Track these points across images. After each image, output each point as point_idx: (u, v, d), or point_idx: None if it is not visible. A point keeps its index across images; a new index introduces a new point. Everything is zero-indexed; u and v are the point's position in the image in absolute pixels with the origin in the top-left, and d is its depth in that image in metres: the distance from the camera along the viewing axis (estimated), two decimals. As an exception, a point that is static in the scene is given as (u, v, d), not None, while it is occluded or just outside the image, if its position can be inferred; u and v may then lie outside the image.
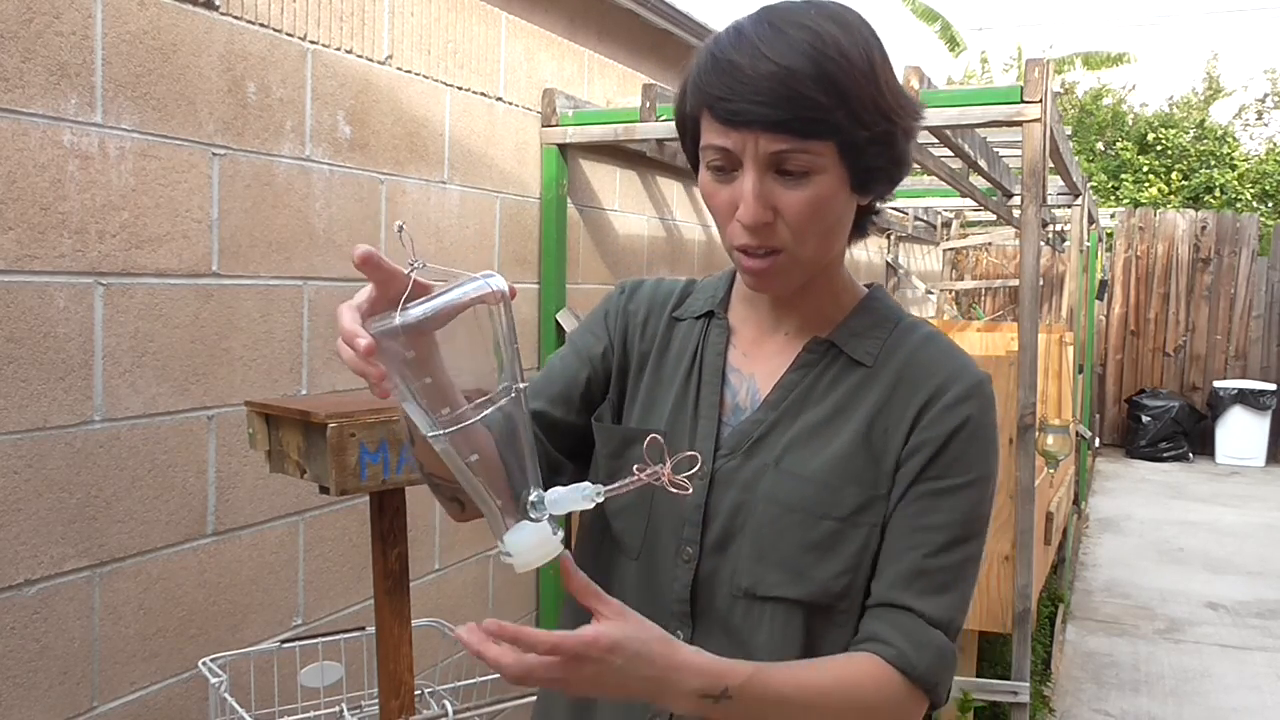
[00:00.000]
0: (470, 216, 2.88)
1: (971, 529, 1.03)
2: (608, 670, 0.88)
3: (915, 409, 1.05)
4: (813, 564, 1.02)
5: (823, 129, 0.95)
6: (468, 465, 0.85)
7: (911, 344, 1.09)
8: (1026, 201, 2.84)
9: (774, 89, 0.93)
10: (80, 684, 1.86)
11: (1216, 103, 14.99)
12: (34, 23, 1.74)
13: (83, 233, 1.83)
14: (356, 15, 2.43)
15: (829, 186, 0.98)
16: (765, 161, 0.97)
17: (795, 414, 1.07)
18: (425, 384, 0.84)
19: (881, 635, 1.00)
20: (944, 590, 1.01)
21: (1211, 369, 10.28)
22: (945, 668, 1.01)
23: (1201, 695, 4.25)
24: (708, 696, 0.92)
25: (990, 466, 1.06)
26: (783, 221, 0.99)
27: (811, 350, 1.10)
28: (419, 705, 1.79)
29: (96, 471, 1.87)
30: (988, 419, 1.06)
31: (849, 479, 1.03)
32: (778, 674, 0.97)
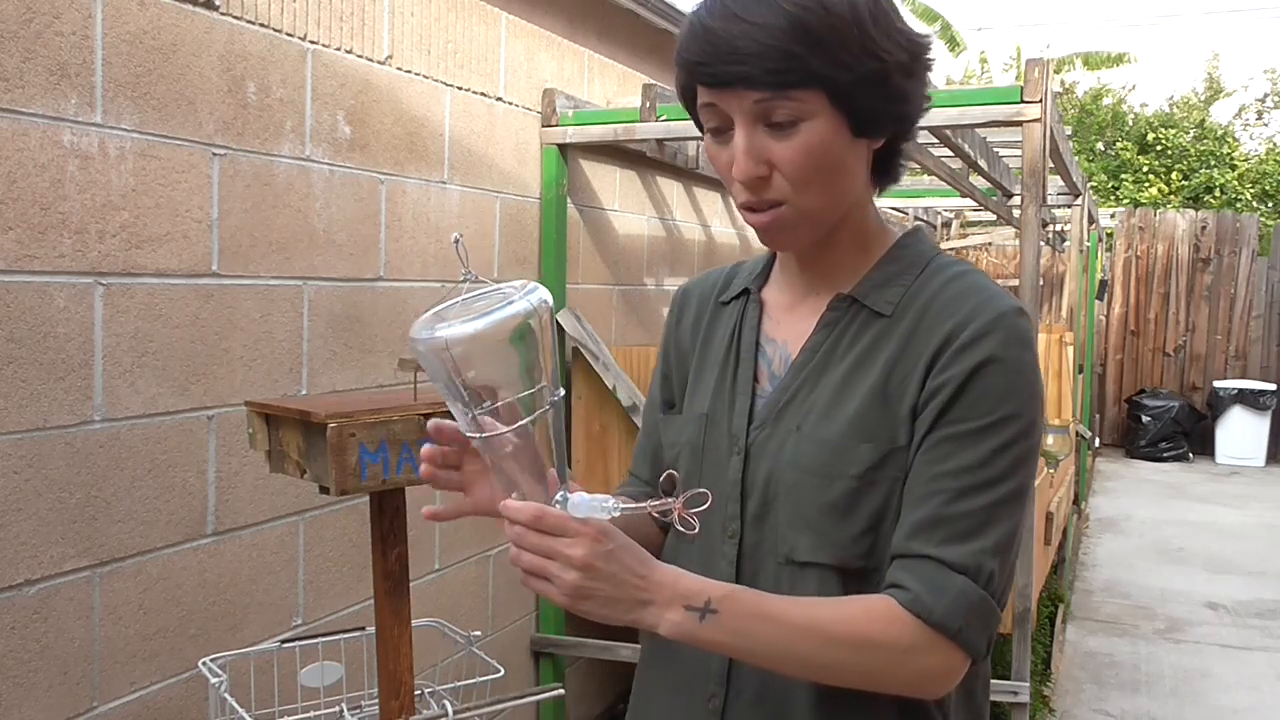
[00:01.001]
0: (470, 216, 2.88)
1: (999, 471, 0.97)
2: (617, 563, 0.90)
3: (931, 352, 1.00)
4: (833, 526, 1.01)
5: (801, 77, 0.95)
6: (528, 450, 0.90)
7: (935, 284, 1.05)
8: (1026, 201, 2.84)
9: (746, 46, 0.94)
10: (80, 684, 1.86)
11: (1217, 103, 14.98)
12: (34, 23, 1.74)
13: (83, 233, 1.83)
14: (356, 15, 2.43)
15: (821, 133, 0.97)
16: (752, 115, 0.97)
17: (819, 376, 1.06)
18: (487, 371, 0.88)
19: (899, 581, 0.97)
20: (968, 536, 0.96)
21: (1211, 369, 10.28)
22: (972, 613, 0.95)
23: (1201, 695, 4.25)
24: (691, 608, 0.92)
25: (1020, 404, 0.98)
26: (779, 174, 0.99)
27: (834, 308, 1.08)
28: (419, 705, 1.79)
29: (96, 471, 1.87)
30: (1013, 353, 0.99)
31: (863, 436, 1.01)
32: (772, 599, 0.97)
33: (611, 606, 0.92)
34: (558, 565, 0.90)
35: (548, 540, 0.90)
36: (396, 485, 1.59)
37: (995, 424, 0.97)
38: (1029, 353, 1.00)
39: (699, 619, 0.92)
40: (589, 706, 3.68)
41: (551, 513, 0.90)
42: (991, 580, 0.96)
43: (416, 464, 1.58)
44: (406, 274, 2.62)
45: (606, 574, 0.90)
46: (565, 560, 0.89)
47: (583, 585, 0.90)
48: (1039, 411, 1.01)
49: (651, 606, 0.92)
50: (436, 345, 0.85)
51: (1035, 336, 1.02)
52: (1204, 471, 9.46)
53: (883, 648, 0.95)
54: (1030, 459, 1.00)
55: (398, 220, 2.59)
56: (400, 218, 2.60)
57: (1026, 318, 1.02)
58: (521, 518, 0.91)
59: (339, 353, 2.43)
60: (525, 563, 0.92)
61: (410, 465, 1.56)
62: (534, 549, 0.91)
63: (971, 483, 0.97)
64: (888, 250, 1.09)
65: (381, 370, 2.55)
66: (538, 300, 0.88)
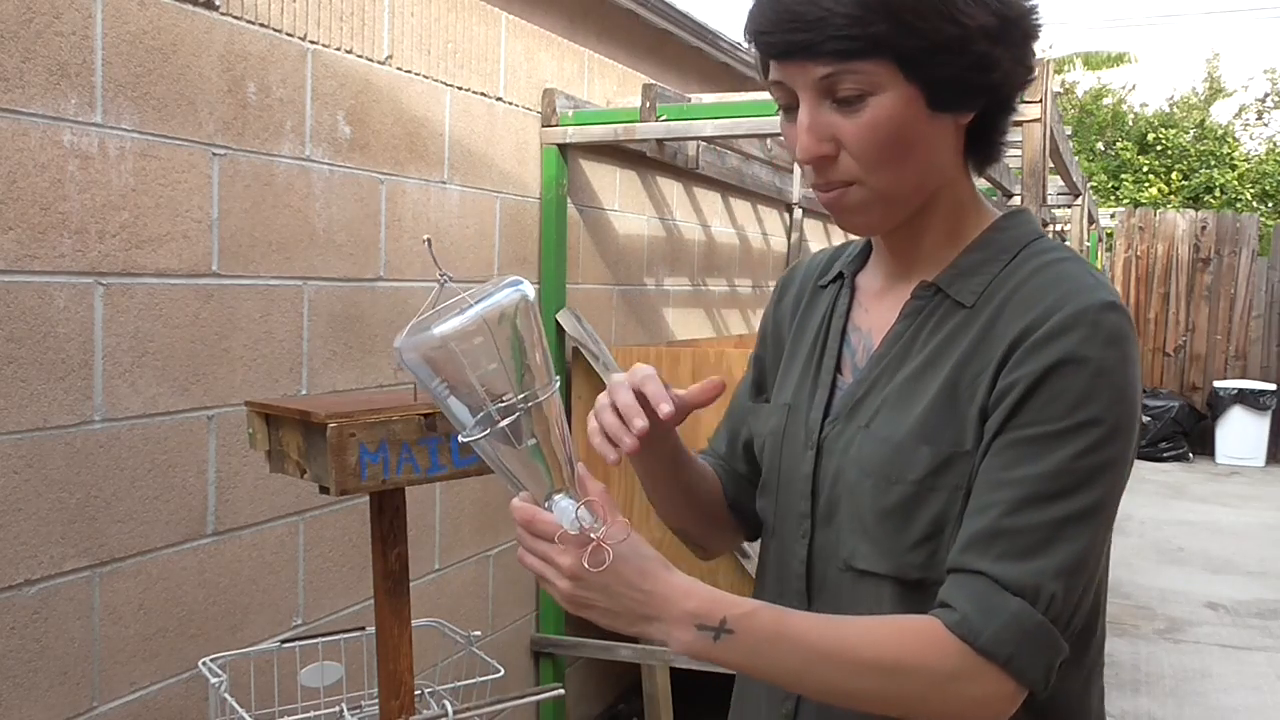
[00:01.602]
0: (470, 216, 2.88)
1: (1072, 481, 0.87)
2: (609, 575, 0.86)
3: (1005, 348, 0.91)
4: (890, 534, 0.94)
5: (868, 46, 0.87)
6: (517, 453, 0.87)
7: (1022, 274, 0.95)
8: (1026, 201, 2.84)
9: (807, 11, 0.87)
10: (80, 684, 1.86)
11: (1217, 103, 14.99)
12: (34, 23, 1.74)
13: (83, 233, 1.83)
14: (356, 15, 2.43)
15: (891, 107, 0.90)
16: (816, 90, 0.91)
17: (895, 369, 0.98)
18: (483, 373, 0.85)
19: (949, 599, 0.88)
20: (1030, 553, 0.86)
21: (1211, 369, 10.28)
22: (1026, 640, 0.85)
23: (1201, 695, 4.25)
24: (705, 627, 0.86)
25: (1102, 408, 0.87)
26: (846, 152, 0.92)
27: (918, 296, 1.00)
28: (419, 705, 1.79)
29: (96, 471, 1.87)
30: (1097, 352, 0.88)
31: (924, 438, 0.93)
32: (796, 617, 0.89)
33: (612, 618, 0.88)
34: (552, 571, 0.87)
35: (541, 545, 0.88)
36: (396, 485, 1.59)
37: (1070, 429, 0.87)
38: (1118, 351, 0.88)
39: (713, 638, 0.86)
40: (589, 706, 3.68)
41: (541, 517, 0.87)
42: (1053, 604, 0.86)
43: (417, 464, 1.58)
44: (406, 274, 2.62)
45: (598, 585, 0.86)
46: (556, 568, 0.87)
47: (576, 594, 0.87)
48: (1129, 418, 0.89)
49: (656, 622, 0.87)
50: (432, 343, 0.83)
51: (1132, 332, 0.91)
52: (1204, 471, 9.46)
53: (918, 674, 0.86)
54: (1112, 471, 0.89)
55: (398, 220, 2.59)
56: (400, 218, 2.60)
57: (1120, 312, 0.90)
58: (517, 518, 0.89)
59: (339, 353, 2.43)
60: (528, 564, 0.90)
61: (410, 465, 1.56)
62: (532, 551, 0.89)
63: (1038, 493, 0.87)
64: (981, 233, 1.00)
65: (381, 370, 2.55)
66: (521, 291, 0.86)
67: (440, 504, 2.81)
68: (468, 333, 0.83)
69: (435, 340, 0.83)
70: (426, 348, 0.83)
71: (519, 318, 0.85)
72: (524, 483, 0.89)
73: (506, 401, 0.85)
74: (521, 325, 0.85)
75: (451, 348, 0.83)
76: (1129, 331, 0.90)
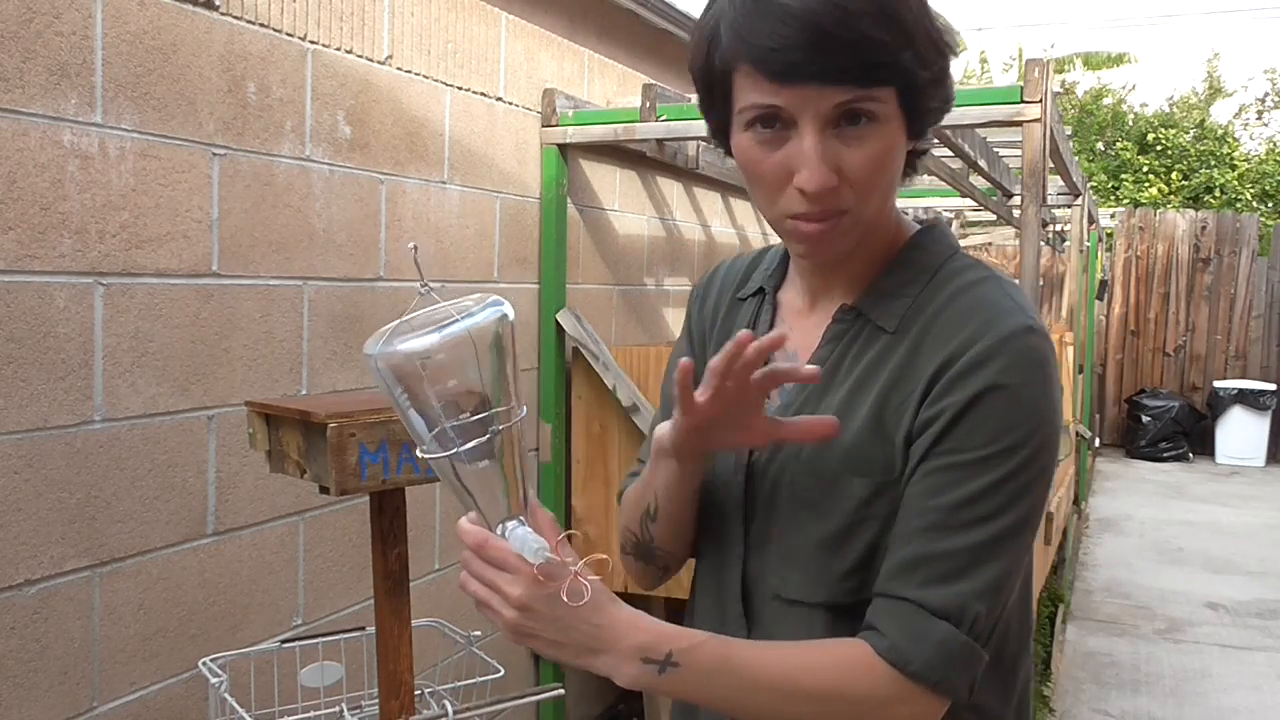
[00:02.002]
0: (470, 216, 2.88)
1: (994, 506, 0.88)
2: (560, 607, 0.85)
3: (928, 377, 0.91)
4: (824, 564, 0.94)
5: (889, 73, 0.84)
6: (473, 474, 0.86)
7: (942, 298, 0.94)
8: (1026, 201, 2.84)
9: (833, 31, 0.81)
10: (80, 684, 1.86)
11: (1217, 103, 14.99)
12: (34, 23, 1.74)
13: (83, 233, 1.83)
14: (356, 15, 2.43)
15: (891, 136, 0.88)
16: (827, 118, 0.86)
17: (821, 396, 0.97)
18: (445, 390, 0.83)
19: (877, 624, 0.90)
20: (954, 577, 0.87)
21: (1211, 369, 10.28)
22: (953, 661, 0.88)
23: (1201, 695, 4.25)
24: (650, 661, 0.87)
25: (1025, 434, 0.88)
26: (846, 182, 0.88)
27: (840, 320, 0.99)
28: (419, 705, 1.79)
29: (96, 471, 1.87)
30: (1019, 378, 0.88)
31: (855, 469, 0.93)
32: (738, 648, 0.91)
33: (557, 650, 0.87)
34: (498, 600, 0.86)
35: (489, 572, 0.86)
36: (396, 485, 1.59)
37: (993, 456, 0.88)
38: (1039, 375, 0.89)
39: (658, 672, 0.87)
40: (589, 706, 3.68)
41: (494, 543, 0.86)
42: (976, 623, 0.88)
43: (417, 464, 1.58)
44: (406, 274, 2.62)
45: (548, 617, 0.85)
46: (504, 597, 0.85)
47: (522, 624, 0.86)
48: (1049, 440, 0.90)
49: (603, 655, 0.87)
50: (399, 358, 0.81)
51: (1050, 354, 0.92)
52: (1204, 471, 9.46)
53: (854, 700, 0.88)
54: (1033, 492, 0.90)
55: (398, 220, 2.59)
56: (400, 218, 2.60)
57: (1040, 334, 0.91)
58: (468, 542, 0.87)
59: (339, 353, 2.42)
60: (471, 590, 0.88)
61: (410, 465, 1.56)
62: (479, 577, 0.87)
63: (962, 519, 0.88)
64: (899, 253, 0.99)
65: (381, 370, 2.55)
66: (501, 312, 0.84)
67: (440, 504, 2.81)
68: (442, 349, 0.81)
69: (405, 354, 0.82)
70: (396, 359, 0.82)
71: (496, 339, 0.84)
72: (478, 504, 0.87)
73: (467, 421, 0.83)
74: (497, 347, 0.84)
75: (422, 362, 0.81)
76: (1048, 353, 0.91)
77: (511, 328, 0.85)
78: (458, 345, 0.82)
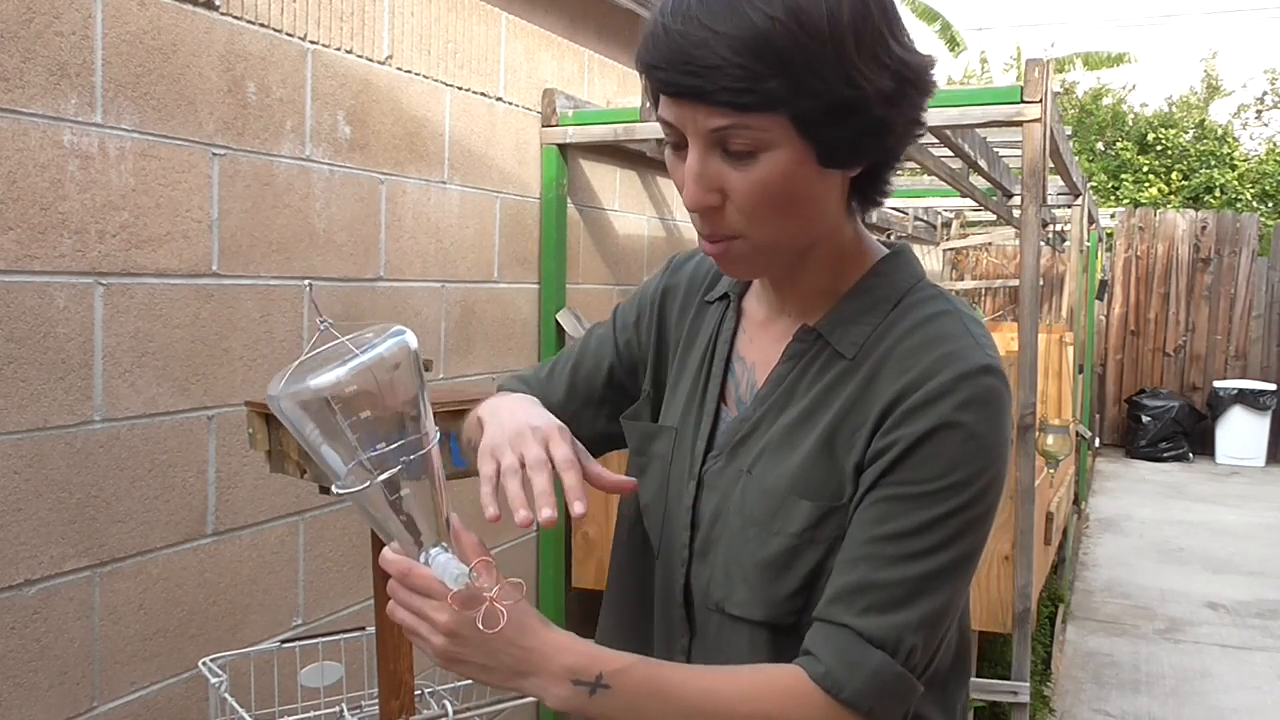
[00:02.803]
0: (470, 216, 2.88)
1: (937, 539, 0.89)
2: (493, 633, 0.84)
3: (881, 408, 0.92)
4: (768, 583, 0.95)
5: (760, 100, 0.84)
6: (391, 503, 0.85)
7: (902, 328, 0.95)
8: (1026, 201, 2.84)
9: (701, 56, 0.83)
10: (80, 684, 1.86)
11: (1216, 102, 14.99)
12: (34, 23, 1.74)
13: (83, 233, 1.83)
14: (356, 15, 2.43)
15: (783, 164, 0.87)
16: (706, 139, 0.87)
17: (778, 413, 0.98)
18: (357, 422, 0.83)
19: (814, 649, 0.90)
20: (893, 607, 0.88)
21: (1211, 369, 10.29)
22: (885, 691, 0.88)
23: (1201, 695, 4.25)
24: (580, 683, 0.87)
25: (973, 471, 0.90)
26: (732, 204, 0.89)
27: (800, 339, 0.99)
28: (419, 705, 1.79)
29: (96, 471, 1.87)
30: (971, 417, 0.89)
31: (804, 492, 0.94)
32: (671, 672, 0.91)
33: (487, 674, 0.87)
34: (426, 627, 0.86)
35: (415, 600, 0.86)
36: (396, 485, 1.58)
37: (941, 490, 0.89)
38: (991, 414, 0.90)
39: (589, 693, 0.87)
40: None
41: (418, 571, 0.86)
42: (912, 655, 0.89)
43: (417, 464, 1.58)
44: (406, 274, 2.62)
45: (475, 641, 0.85)
46: (431, 624, 0.85)
47: (450, 650, 0.86)
48: (996, 478, 0.92)
49: (532, 677, 0.87)
50: (307, 394, 0.82)
51: (1006, 394, 0.93)
52: (1204, 471, 9.46)
53: None
54: (977, 529, 0.91)
55: (398, 220, 2.59)
56: (400, 218, 2.60)
57: (995, 374, 0.92)
58: (391, 572, 0.87)
59: (339, 353, 2.42)
60: (399, 619, 0.88)
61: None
62: (405, 606, 0.87)
63: (905, 551, 0.89)
64: (862, 278, 0.99)
65: (381, 370, 2.55)
66: (403, 341, 0.85)
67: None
68: (351, 381, 0.82)
69: (310, 391, 0.82)
70: (301, 397, 0.82)
71: (400, 369, 0.84)
72: (395, 534, 0.87)
73: (381, 451, 0.83)
74: (403, 376, 0.84)
75: (327, 398, 0.82)
76: (1003, 393, 0.92)
77: (416, 355, 0.86)
78: (364, 377, 0.82)
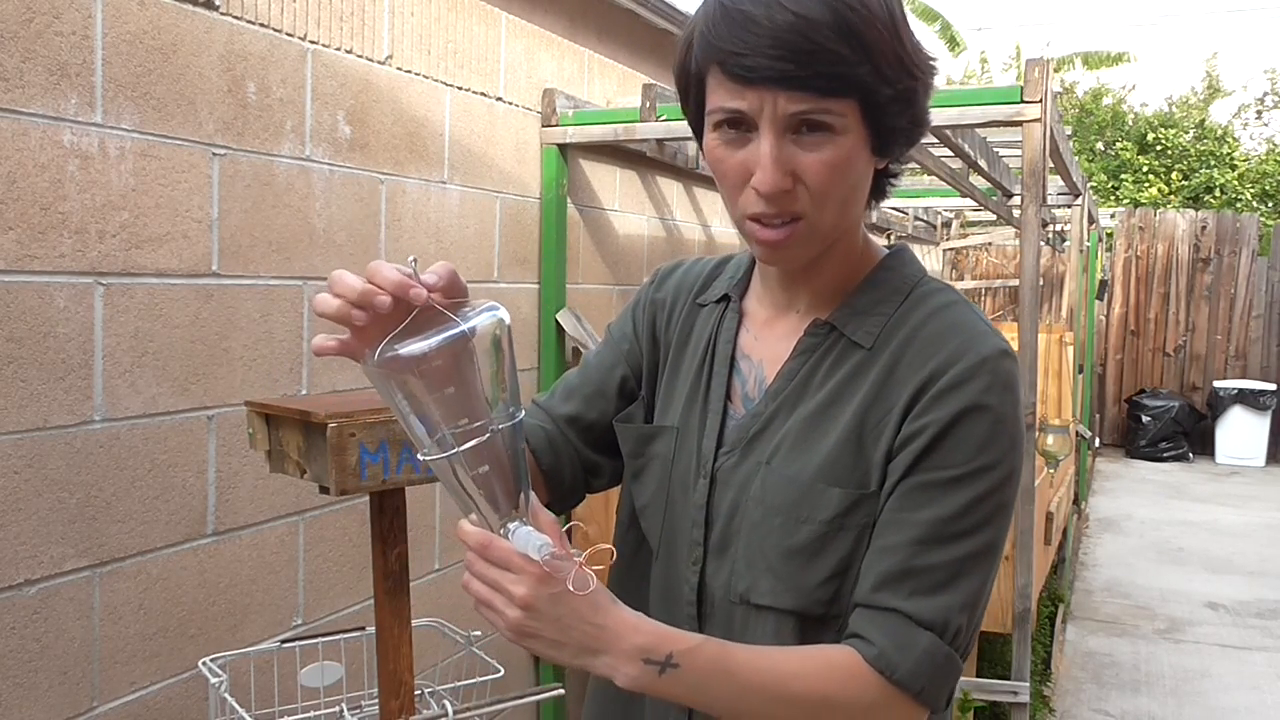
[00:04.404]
0: (470, 216, 2.88)
1: (974, 521, 0.93)
2: (563, 607, 0.86)
3: (909, 395, 0.95)
4: (797, 571, 0.97)
5: (846, 85, 0.88)
6: (473, 477, 0.86)
7: (917, 318, 0.99)
8: (1026, 201, 2.84)
9: (794, 41, 0.86)
10: (80, 684, 1.86)
11: (1216, 103, 14.99)
12: (34, 23, 1.74)
13: (83, 233, 1.83)
14: (356, 15, 2.43)
15: (851, 148, 0.91)
16: (784, 123, 0.90)
17: (793, 406, 1.01)
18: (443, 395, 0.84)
19: (864, 633, 0.93)
20: (938, 590, 0.92)
21: (1211, 369, 10.29)
22: (936, 671, 0.92)
23: (1201, 695, 4.25)
24: (651, 661, 0.88)
25: (1001, 453, 0.94)
26: (803, 187, 0.92)
27: (812, 333, 1.02)
28: (419, 705, 1.79)
29: (96, 471, 1.87)
30: (996, 399, 0.94)
31: (834, 479, 0.96)
32: (737, 651, 0.92)
33: (558, 649, 0.88)
34: (502, 600, 0.87)
35: (493, 572, 0.87)
36: (396, 485, 1.59)
37: (973, 473, 0.93)
38: (1012, 397, 0.95)
39: (659, 673, 0.88)
40: (589, 706, 3.67)
41: (499, 544, 0.87)
42: (958, 636, 0.93)
43: (417, 464, 1.58)
44: (406, 274, 2.62)
45: (551, 616, 0.86)
46: (508, 596, 0.86)
47: (525, 624, 0.86)
48: (1020, 460, 0.96)
49: (604, 656, 0.88)
50: (398, 363, 0.82)
51: (1020, 378, 0.98)
52: (1204, 471, 9.46)
53: (842, 706, 0.91)
54: (1007, 511, 0.96)
55: (398, 220, 2.59)
56: (400, 218, 2.60)
57: (1012, 359, 0.97)
58: (471, 543, 0.88)
59: (339, 353, 2.42)
60: (473, 590, 0.89)
61: (411, 465, 1.56)
62: (482, 578, 0.88)
63: (945, 534, 0.92)
64: (870, 273, 1.03)
65: (381, 370, 2.55)
66: (496, 316, 0.85)
67: (440, 504, 2.81)
68: (440, 353, 0.82)
69: (405, 358, 0.82)
70: (395, 364, 0.83)
71: (493, 343, 0.84)
72: (476, 507, 0.88)
73: (466, 426, 0.84)
74: (495, 350, 0.85)
75: (420, 367, 0.82)
76: (1019, 377, 0.98)
77: (508, 331, 0.86)
78: (455, 349, 0.82)
